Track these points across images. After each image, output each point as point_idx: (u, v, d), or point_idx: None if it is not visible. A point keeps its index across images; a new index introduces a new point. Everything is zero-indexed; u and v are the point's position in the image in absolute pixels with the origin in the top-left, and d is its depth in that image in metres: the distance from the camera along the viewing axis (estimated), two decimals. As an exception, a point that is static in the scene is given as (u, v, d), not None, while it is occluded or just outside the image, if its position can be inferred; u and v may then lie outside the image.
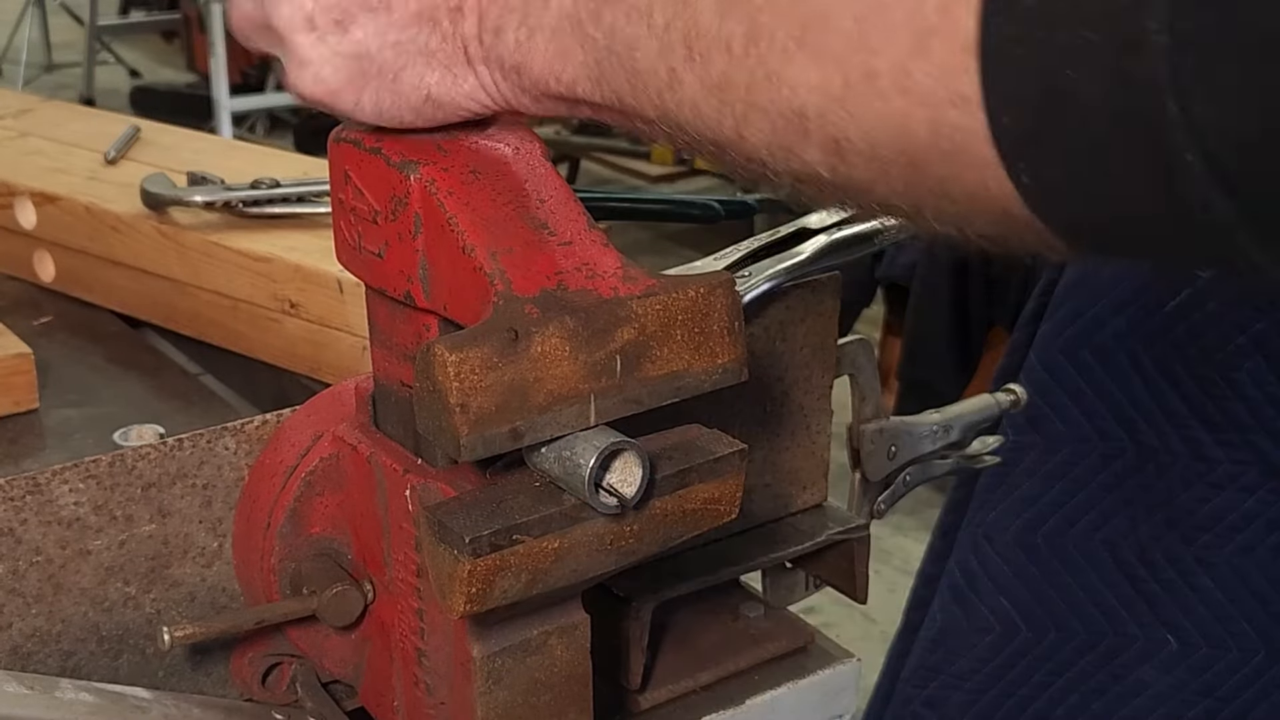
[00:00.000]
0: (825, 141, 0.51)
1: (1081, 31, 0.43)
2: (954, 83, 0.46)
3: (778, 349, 0.88)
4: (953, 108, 0.46)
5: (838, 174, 0.52)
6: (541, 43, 0.59)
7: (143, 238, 1.13)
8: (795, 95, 0.50)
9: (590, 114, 0.62)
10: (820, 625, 0.95)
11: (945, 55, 0.46)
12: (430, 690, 0.70)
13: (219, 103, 4.91)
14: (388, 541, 0.70)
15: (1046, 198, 0.47)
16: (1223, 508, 1.18)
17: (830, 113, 0.50)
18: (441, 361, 0.56)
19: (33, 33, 6.94)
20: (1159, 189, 0.44)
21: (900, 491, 0.98)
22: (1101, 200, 0.46)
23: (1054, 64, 0.44)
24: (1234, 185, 0.43)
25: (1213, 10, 0.41)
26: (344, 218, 0.69)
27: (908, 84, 0.47)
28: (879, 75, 0.48)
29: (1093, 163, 0.45)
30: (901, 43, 0.47)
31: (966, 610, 1.29)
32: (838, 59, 0.48)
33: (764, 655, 0.88)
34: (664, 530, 0.63)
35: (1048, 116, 0.45)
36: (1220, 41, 0.41)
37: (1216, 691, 1.21)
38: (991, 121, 0.46)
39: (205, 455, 0.76)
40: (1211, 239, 0.45)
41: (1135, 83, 0.42)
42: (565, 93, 0.60)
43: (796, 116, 0.51)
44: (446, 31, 0.62)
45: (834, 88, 0.49)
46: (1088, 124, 0.44)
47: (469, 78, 0.63)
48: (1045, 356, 1.23)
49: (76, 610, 0.74)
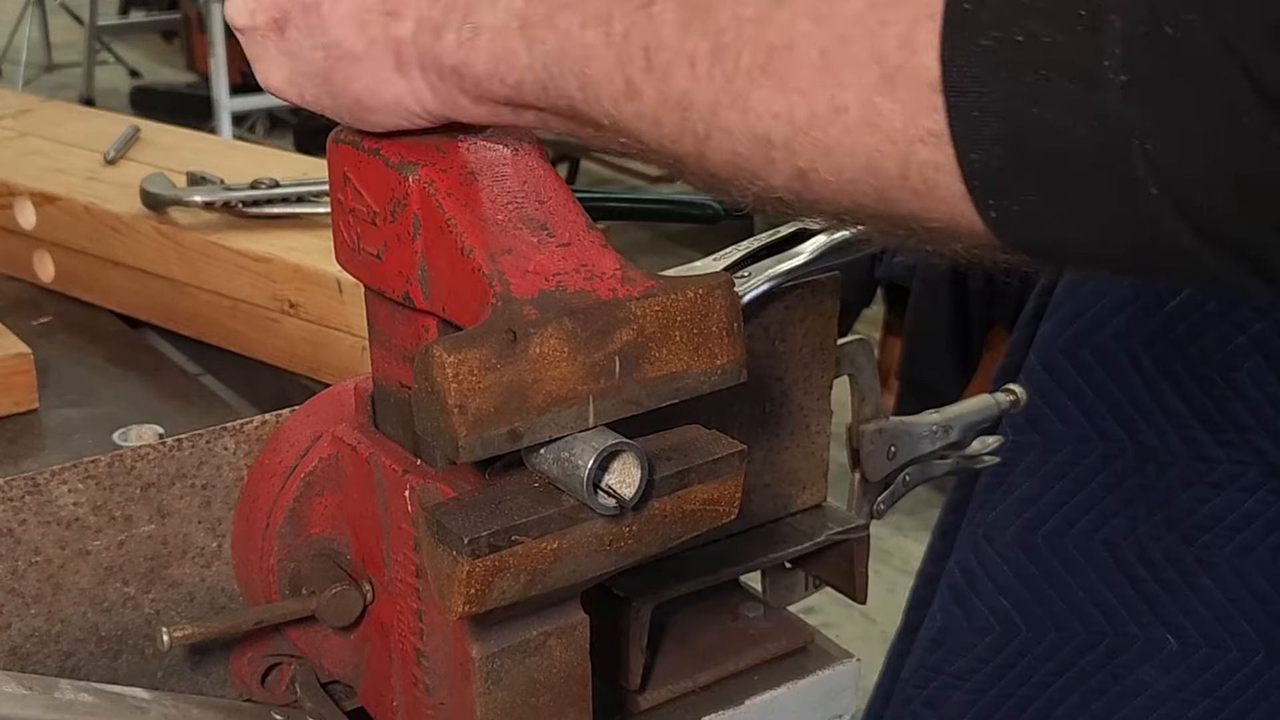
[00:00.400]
0: (791, 170, 0.51)
1: (1039, 72, 0.43)
2: (922, 120, 0.46)
3: (777, 349, 0.88)
4: (922, 144, 0.47)
5: (804, 200, 0.52)
6: (485, 43, 0.58)
7: (142, 238, 1.13)
8: (760, 122, 0.50)
9: (535, 122, 0.61)
10: (820, 625, 0.95)
11: (912, 92, 0.46)
12: (429, 690, 0.70)
13: (219, 103, 4.91)
14: (387, 542, 0.70)
15: (1017, 229, 0.48)
16: (1223, 508, 1.18)
17: (796, 142, 0.50)
18: (440, 363, 0.56)
19: (33, 33, 6.93)
20: (1128, 221, 0.45)
21: (900, 492, 0.98)
22: (1072, 232, 0.47)
23: (1019, 104, 0.44)
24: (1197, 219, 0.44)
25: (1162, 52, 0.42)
26: (343, 219, 0.69)
27: (876, 120, 0.47)
28: (847, 110, 0.48)
29: (1062, 197, 0.46)
30: (868, 78, 0.47)
31: (966, 610, 1.29)
32: (803, 90, 0.48)
33: (764, 655, 0.88)
34: (663, 531, 0.63)
35: (1016, 153, 0.45)
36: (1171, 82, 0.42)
37: (1216, 691, 1.21)
38: (960, 158, 0.46)
39: (204, 455, 0.76)
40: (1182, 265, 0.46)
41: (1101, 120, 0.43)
42: (511, 95, 0.59)
43: (762, 143, 0.51)
44: (375, 35, 0.61)
45: (800, 119, 0.49)
46: (1056, 160, 0.45)
47: (398, 82, 0.62)
48: (1045, 356, 1.23)
49: (75, 610, 0.74)
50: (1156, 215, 0.44)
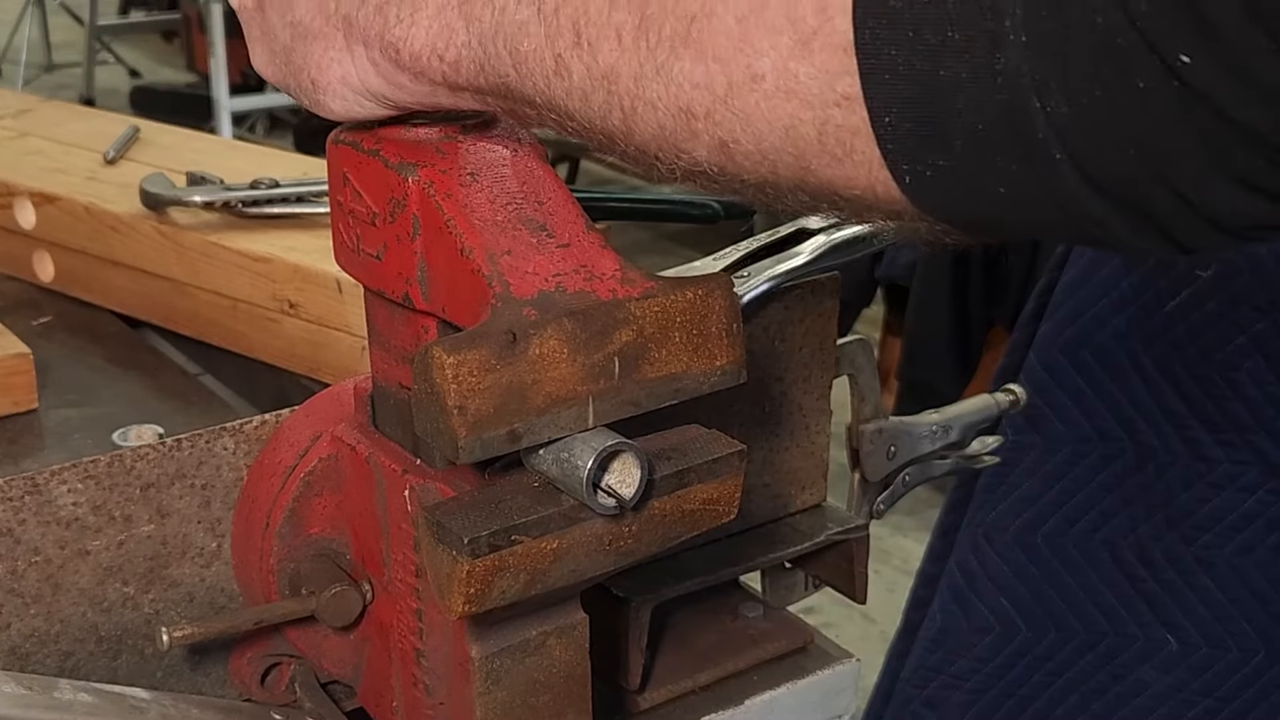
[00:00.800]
0: (714, 141, 0.51)
1: (946, 31, 0.43)
2: (837, 84, 0.46)
3: (777, 349, 0.88)
4: (837, 108, 0.47)
5: (726, 173, 0.52)
6: (425, 19, 0.59)
7: (142, 238, 1.13)
8: (682, 93, 0.50)
9: (474, 103, 0.61)
10: (820, 625, 0.95)
11: (826, 57, 0.46)
12: (429, 690, 0.70)
13: (219, 103, 4.91)
14: (386, 542, 0.70)
15: (932, 194, 0.48)
16: (1223, 508, 1.18)
17: (717, 113, 0.50)
18: (440, 364, 0.56)
19: (33, 33, 6.93)
20: (1036, 185, 0.45)
21: (899, 492, 0.98)
22: (986, 197, 0.47)
23: (928, 64, 0.44)
24: (1100, 182, 0.44)
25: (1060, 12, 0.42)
26: (342, 220, 0.69)
27: (793, 86, 0.47)
28: (763, 77, 0.48)
29: (971, 159, 0.46)
30: (783, 44, 0.47)
31: (966, 610, 1.29)
32: (722, 59, 0.49)
33: (763, 655, 0.88)
34: (663, 531, 0.63)
35: (926, 116, 0.45)
36: (1068, 43, 0.42)
37: (1216, 691, 1.21)
38: (874, 122, 0.46)
39: (204, 455, 0.76)
40: (1089, 227, 0.46)
41: (1004, 80, 0.43)
42: (449, 73, 0.59)
43: (684, 114, 0.51)
44: (330, 10, 0.62)
45: (719, 87, 0.49)
46: (964, 121, 0.45)
47: (345, 60, 0.62)
48: (1045, 356, 1.23)
49: (75, 610, 0.74)
50: (1061, 179, 0.44)
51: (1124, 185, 0.44)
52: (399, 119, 0.66)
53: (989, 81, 0.43)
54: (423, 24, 0.59)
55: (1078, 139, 0.43)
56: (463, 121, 0.66)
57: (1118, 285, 1.20)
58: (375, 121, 0.66)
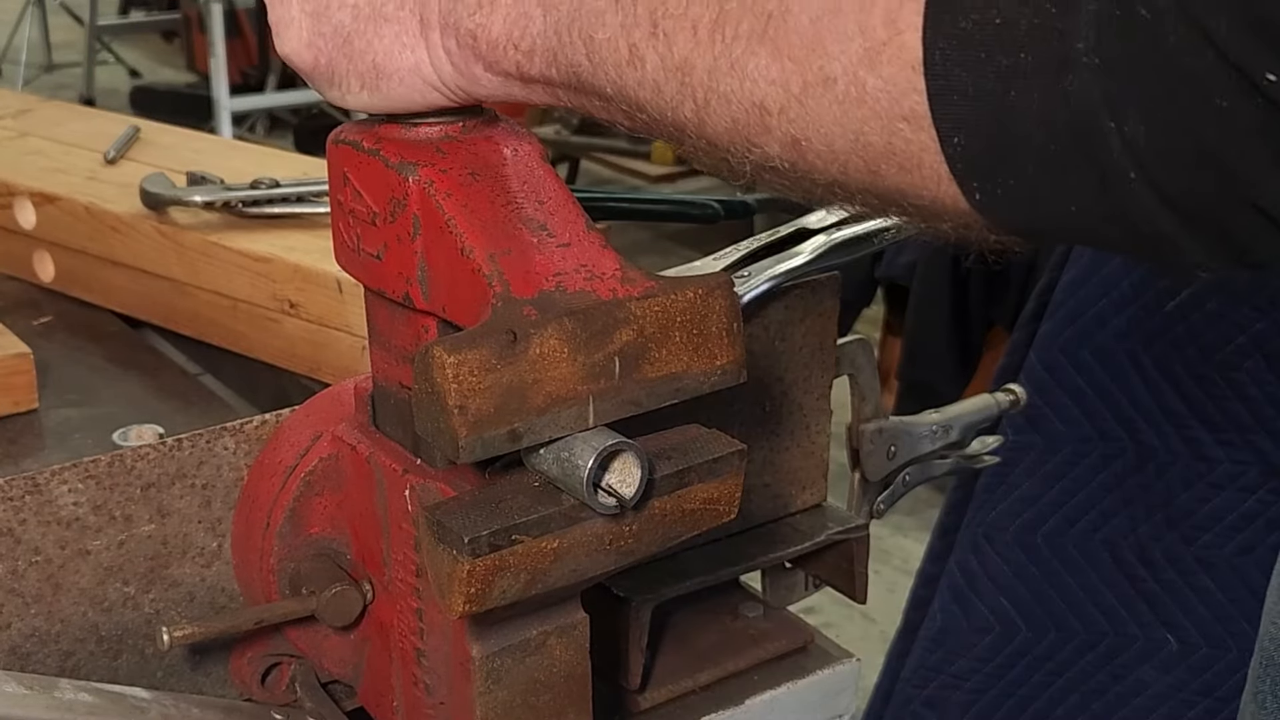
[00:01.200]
0: (786, 137, 0.51)
1: (1018, 54, 0.43)
2: (904, 100, 0.46)
3: (777, 349, 0.88)
4: (904, 123, 0.47)
5: (798, 169, 0.52)
6: (503, 6, 0.59)
7: (142, 238, 1.13)
8: (757, 88, 0.50)
9: (545, 96, 0.61)
10: (820, 625, 0.95)
11: (895, 71, 0.46)
12: (429, 690, 0.70)
13: (219, 103, 4.91)
14: (387, 541, 0.70)
15: (1001, 210, 0.48)
16: (1223, 508, 1.18)
17: (791, 110, 0.50)
18: (440, 363, 0.56)
19: (33, 33, 6.93)
20: (1109, 204, 0.45)
21: (900, 491, 0.98)
22: (1054, 212, 0.47)
23: (998, 87, 0.44)
24: (1172, 200, 0.44)
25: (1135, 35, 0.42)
26: (343, 219, 0.69)
27: (862, 94, 0.47)
28: (835, 81, 0.48)
29: (1042, 179, 0.46)
30: (853, 51, 0.47)
31: (966, 610, 1.30)
32: (796, 58, 0.49)
33: (763, 655, 0.88)
34: (663, 530, 0.63)
35: (996, 137, 0.46)
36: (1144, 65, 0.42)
37: (1216, 691, 1.21)
38: (943, 141, 0.46)
39: (204, 455, 0.76)
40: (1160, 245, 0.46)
41: (1074, 102, 0.43)
42: (522, 63, 0.59)
43: (758, 109, 0.51)
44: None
45: (794, 85, 0.49)
46: (1035, 144, 0.45)
47: (419, 48, 0.62)
48: (1045, 356, 1.23)
49: (75, 610, 0.74)
50: (1136, 198, 0.44)
51: (1202, 204, 0.44)
52: (398, 119, 0.66)
53: (1059, 103, 0.43)
54: (500, 11, 0.59)
55: (1153, 160, 0.43)
56: (463, 121, 0.66)
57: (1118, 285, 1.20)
58: (376, 120, 0.66)
